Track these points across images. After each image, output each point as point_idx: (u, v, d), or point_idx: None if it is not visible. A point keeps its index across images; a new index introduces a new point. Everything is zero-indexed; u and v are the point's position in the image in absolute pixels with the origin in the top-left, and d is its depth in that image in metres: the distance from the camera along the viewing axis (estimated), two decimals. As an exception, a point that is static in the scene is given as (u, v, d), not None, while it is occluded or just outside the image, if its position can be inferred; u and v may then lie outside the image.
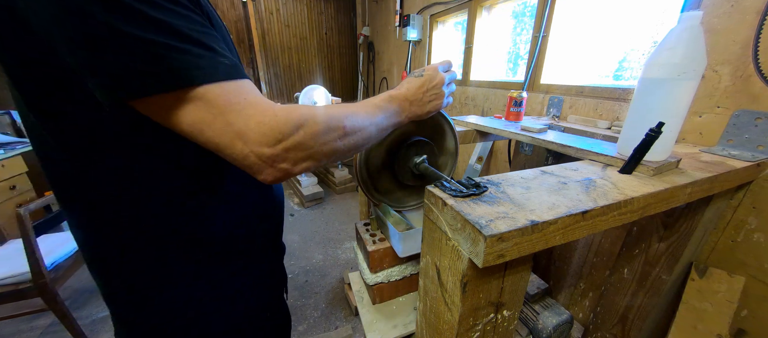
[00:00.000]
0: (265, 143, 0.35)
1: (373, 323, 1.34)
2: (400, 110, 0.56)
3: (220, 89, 0.34)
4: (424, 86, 0.60)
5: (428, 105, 0.61)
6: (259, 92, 0.38)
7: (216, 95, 0.34)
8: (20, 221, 1.08)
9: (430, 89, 0.60)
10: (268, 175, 0.38)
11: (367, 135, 0.47)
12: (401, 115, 0.56)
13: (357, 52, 3.94)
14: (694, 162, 0.69)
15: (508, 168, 1.72)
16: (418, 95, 0.59)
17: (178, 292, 0.49)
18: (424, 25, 2.56)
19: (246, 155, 0.35)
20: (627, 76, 1.32)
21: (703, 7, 0.84)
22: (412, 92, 0.58)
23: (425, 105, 0.60)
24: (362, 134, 0.46)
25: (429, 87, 0.60)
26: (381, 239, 1.29)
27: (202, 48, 0.34)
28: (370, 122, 0.47)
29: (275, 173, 0.38)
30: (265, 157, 0.36)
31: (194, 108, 0.33)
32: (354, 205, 2.90)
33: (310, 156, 0.39)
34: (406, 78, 0.61)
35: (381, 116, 0.51)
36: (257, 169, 0.37)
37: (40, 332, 1.49)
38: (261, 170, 0.37)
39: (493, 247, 0.37)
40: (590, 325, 1.13)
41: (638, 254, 0.93)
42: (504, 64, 2.04)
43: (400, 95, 0.56)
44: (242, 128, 0.34)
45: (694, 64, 0.56)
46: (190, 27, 0.33)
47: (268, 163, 0.36)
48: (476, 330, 0.49)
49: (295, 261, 2.08)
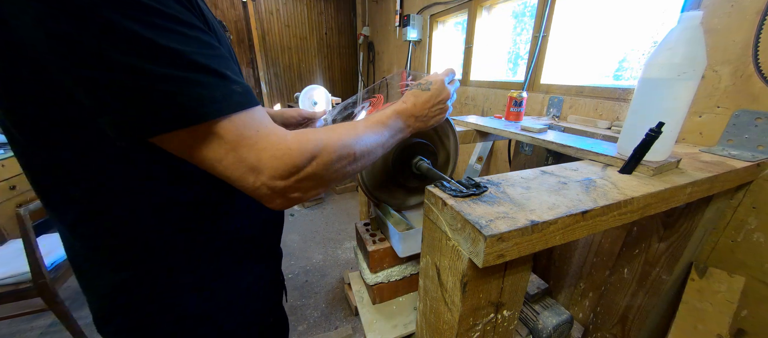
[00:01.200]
0: (278, 177, 0.35)
1: (373, 323, 1.34)
2: (405, 127, 0.56)
3: (231, 124, 0.33)
4: (431, 102, 0.59)
5: (432, 120, 0.61)
6: (269, 119, 0.37)
7: (227, 130, 0.32)
8: (20, 221, 1.08)
9: (435, 104, 0.60)
10: (278, 204, 0.37)
11: (375, 156, 0.48)
12: (406, 131, 0.56)
13: (357, 52, 3.94)
14: (694, 162, 0.69)
15: (508, 168, 1.72)
16: (424, 110, 0.58)
17: (178, 301, 0.47)
18: (424, 25, 2.56)
19: (257, 188, 0.35)
20: (627, 77, 1.32)
21: (703, 7, 0.84)
22: (419, 108, 0.58)
23: (429, 120, 0.60)
24: (370, 156, 0.46)
25: (435, 102, 0.60)
26: (381, 239, 1.29)
27: (214, 76, 0.32)
28: (377, 144, 0.48)
29: (286, 203, 0.37)
30: (277, 189, 0.35)
31: (208, 144, 0.33)
32: (354, 205, 2.90)
33: (322, 184, 0.39)
34: (412, 91, 0.61)
35: (387, 135, 0.51)
36: (268, 199, 0.36)
37: (40, 332, 1.49)
38: (272, 200, 0.36)
39: (493, 247, 0.37)
40: (590, 325, 1.13)
41: (638, 254, 0.93)
42: (504, 64, 2.04)
43: (407, 111, 0.56)
44: (254, 162, 0.33)
45: (694, 64, 0.56)
46: (200, 52, 0.31)
47: (280, 194, 0.36)
48: (476, 330, 0.49)
49: (295, 261, 2.08)
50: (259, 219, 0.56)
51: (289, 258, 2.12)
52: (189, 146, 0.33)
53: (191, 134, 0.32)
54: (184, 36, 0.31)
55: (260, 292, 0.60)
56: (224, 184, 0.45)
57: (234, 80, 0.34)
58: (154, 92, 0.29)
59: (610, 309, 1.04)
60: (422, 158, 0.75)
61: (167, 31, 0.29)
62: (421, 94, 0.59)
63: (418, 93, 0.59)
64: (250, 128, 0.34)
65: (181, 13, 0.31)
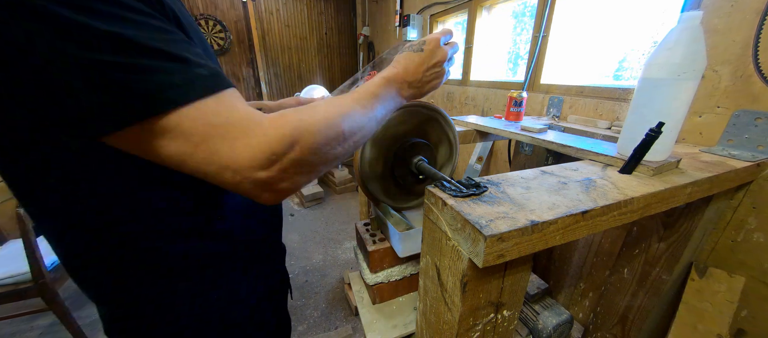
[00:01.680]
0: (258, 167, 0.30)
1: (373, 323, 1.34)
2: (397, 94, 0.50)
3: (197, 112, 0.28)
4: (425, 64, 0.52)
5: (427, 85, 0.54)
6: (243, 102, 0.33)
7: (193, 120, 0.28)
8: (20, 221, 1.08)
9: (430, 67, 0.53)
10: (268, 198, 0.33)
11: (367, 132, 0.43)
12: (399, 99, 0.51)
13: (357, 52, 3.94)
14: (694, 162, 0.69)
15: (508, 168, 1.72)
16: (417, 74, 0.52)
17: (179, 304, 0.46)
18: (424, 25, 2.56)
19: (238, 183, 0.31)
20: (627, 77, 1.32)
21: (703, 7, 0.84)
22: (411, 72, 0.51)
23: (424, 85, 0.54)
24: (361, 132, 0.41)
25: (429, 65, 0.53)
26: (381, 239, 1.29)
27: (172, 61, 0.28)
28: (368, 118, 0.43)
29: (276, 196, 0.34)
30: (260, 182, 0.31)
31: (170, 139, 0.28)
32: (354, 205, 2.90)
33: (311, 170, 0.35)
34: (403, 54, 0.54)
35: (379, 107, 0.45)
36: (254, 194, 0.33)
37: (40, 332, 1.49)
38: (258, 194, 0.33)
39: (493, 247, 0.37)
40: (590, 325, 1.13)
41: (638, 254, 0.93)
42: (504, 64, 2.04)
43: (398, 76, 0.50)
44: (228, 154, 0.29)
45: (694, 65, 0.56)
46: (152, 36, 0.27)
47: (265, 187, 0.32)
48: (476, 330, 0.49)
49: (295, 261, 2.08)
50: (255, 219, 0.54)
51: (289, 257, 2.13)
52: (149, 143, 0.28)
53: (149, 128, 0.27)
54: (131, 21, 0.27)
55: (263, 293, 0.58)
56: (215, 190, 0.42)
57: (196, 63, 0.30)
58: (100, 84, 0.25)
59: (610, 309, 1.04)
60: (422, 158, 0.75)
61: (109, 16, 0.25)
62: (412, 56, 0.52)
63: (409, 55, 0.52)
64: (218, 115, 0.29)
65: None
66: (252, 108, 0.32)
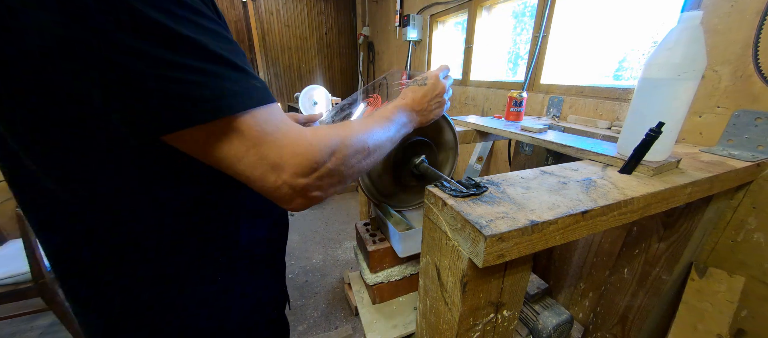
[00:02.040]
0: (300, 174, 0.33)
1: (373, 323, 1.34)
2: (408, 121, 0.57)
3: (253, 119, 0.31)
4: (428, 96, 0.61)
5: (432, 113, 0.63)
6: (286, 116, 0.38)
7: (249, 127, 0.31)
8: (20, 221, 1.08)
9: (433, 98, 0.62)
10: (299, 204, 0.36)
11: (385, 151, 0.48)
12: (409, 125, 0.58)
13: (357, 52, 3.94)
14: (694, 162, 0.69)
15: (508, 168, 1.72)
16: (423, 104, 0.60)
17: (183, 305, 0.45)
18: (424, 25, 2.56)
19: (278, 187, 0.33)
20: (627, 77, 1.32)
21: (703, 7, 0.84)
22: (418, 102, 0.60)
23: (429, 113, 0.62)
24: (381, 150, 0.46)
25: (432, 96, 0.62)
26: (381, 239, 1.29)
27: (235, 70, 0.31)
28: (386, 138, 0.48)
29: (307, 202, 0.36)
30: (299, 187, 0.34)
31: (228, 141, 0.31)
32: (354, 205, 2.90)
33: (340, 181, 0.39)
34: (409, 87, 0.63)
35: (394, 130, 0.51)
36: (289, 199, 0.35)
37: (40, 332, 1.49)
38: (292, 199, 0.35)
39: (493, 247, 0.37)
40: (590, 325, 1.13)
41: (638, 254, 0.93)
42: (504, 64, 2.04)
43: (408, 106, 0.58)
44: (276, 159, 0.32)
45: (694, 65, 0.56)
46: (220, 45, 0.30)
47: (301, 193, 0.35)
48: (476, 330, 0.49)
49: (295, 261, 2.08)
50: (264, 225, 0.54)
51: (289, 257, 2.12)
52: (207, 143, 0.31)
53: (211, 130, 0.30)
54: (204, 28, 0.29)
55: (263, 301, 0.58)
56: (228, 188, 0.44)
57: (253, 75, 0.33)
58: (173, 83, 0.27)
59: (610, 309, 1.04)
60: (422, 158, 0.75)
61: (187, 21, 0.28)
62: (418, 89, 0.61)
63: (415, 89, 0.62)
64: (270, 123, 0.32)
65: (200, 5, 0.30)
66: (293, 121, 0.37)
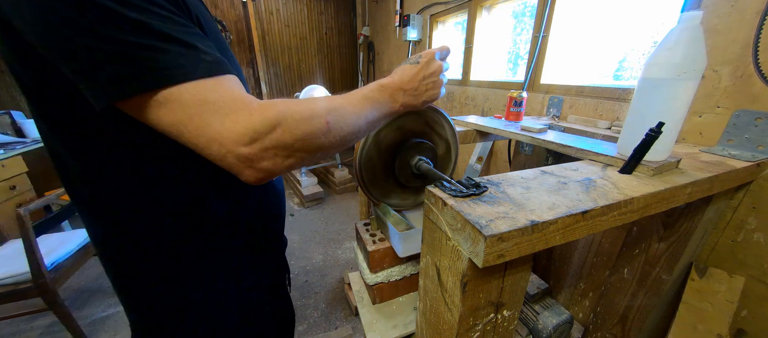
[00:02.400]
0: (241, 143, 0.34)
1: (373, 323, 1.34)
2: (391, 100, 0.52)
3: (195, 88, 0.33)
4: (420, 74, 0.55)
5: (424, 94, 0.57)
6: (241, 87, 0.37)
7: (191, 95, 0.33)
8: (20, 221, 1.08)
9: (426, 77, 0.56)
10: (250, 175, 0.36)
11: (355, 129, 0.45)
12: (393, 105, 0.53)
13: (357, 52, 3.94)
14: (694, 162, 0.69)
15: (508, 168, 1.72)
16: (413, 83, 0.55)
17: (189, 285, 0.50)
18: (424, 25, 2.56)
19: (223, 156, 0.34)
20: (627, 77, 1.32)
21: (703, 7, 0.84)
22: (406, 81, 0.54)
23: (421, 94, 0.56)
24: (348, 128, 0.44)
25: (425, 74, 0.56)
26: (381, 239, 1.29)
27: (182, 46, 0.33)
28: (357, 116, 0.45)
29: (257, 174, 0.36)
30: (242, 157, 0.34)
31: (171, 108, 0.33)
32: (354, 205, 2.90)
33: (293, 154, 0.38)
34: (400, 66, 0.58)
35: (370, 109, 0.48)
36: (237, 170, 0.36)
37: (40, 332, 1.49)
38: (241, 170, 0.36)
39: (493, 247, 0.37)
40: (590, 325, 1.13)
41: (638, 254, 0.93)
42: (504, 64, 2.04)
43: (393, 84, 0.53)
44: (217, 127, 0.33)
45: (694, 65, 0.56)
46: (170, 27, 0.33)
47: (247, 163, 0.35)
48: (476, 330, 0.49)
49: (295, 261, 2.08)
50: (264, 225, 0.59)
51: (289, 257, 2.12)
52: (152, 111, 0.33)
53: (154, 98, 0.32)
54: (155, 14, 0.33)
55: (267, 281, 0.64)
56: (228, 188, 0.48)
57: (204, 51, 0.35)
58: (119, 57, 0.31)
59: (610, 309, 1.04)
60: (422, 158, 0.75)
61: (138, 9, 0.32)
62: (408, 67, 0.56)
63: (405, 67, 0.56)
64: (214, 92, 0.34)
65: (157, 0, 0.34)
66: (250, 95, 0.37)
